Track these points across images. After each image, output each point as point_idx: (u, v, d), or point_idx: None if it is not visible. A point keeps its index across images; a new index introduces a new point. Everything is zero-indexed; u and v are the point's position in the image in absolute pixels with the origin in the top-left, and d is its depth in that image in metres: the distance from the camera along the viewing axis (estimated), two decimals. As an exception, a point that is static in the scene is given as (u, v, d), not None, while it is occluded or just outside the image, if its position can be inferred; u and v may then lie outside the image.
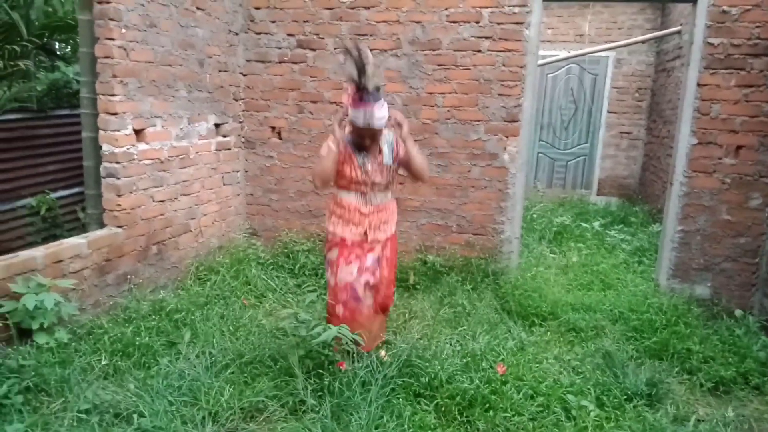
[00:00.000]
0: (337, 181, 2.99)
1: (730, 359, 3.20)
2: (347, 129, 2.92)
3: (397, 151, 3.00)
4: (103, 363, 2.82)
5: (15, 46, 4.72)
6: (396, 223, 3.14)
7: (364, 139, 2.86)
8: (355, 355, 2.84)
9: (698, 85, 3.91)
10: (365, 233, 2.98)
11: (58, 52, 6.12)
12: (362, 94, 2.71)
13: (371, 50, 4.40)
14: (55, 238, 3.90)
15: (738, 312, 3.79)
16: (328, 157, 2.85)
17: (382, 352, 2.98)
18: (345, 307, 3.00)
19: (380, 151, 2.95)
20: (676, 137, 4.10)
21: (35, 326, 2.78)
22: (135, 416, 2.41)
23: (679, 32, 6.27)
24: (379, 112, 2.74)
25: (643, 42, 6.93)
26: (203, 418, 2.48)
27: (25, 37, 4.76)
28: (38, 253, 2.98)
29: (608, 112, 8.05)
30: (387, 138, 2.98)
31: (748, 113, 3.85)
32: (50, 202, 4.47)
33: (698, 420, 2.73)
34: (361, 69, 2.67)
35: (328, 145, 2.86)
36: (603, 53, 7.59)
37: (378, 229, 3.01)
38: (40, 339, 2.80)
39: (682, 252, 4.09)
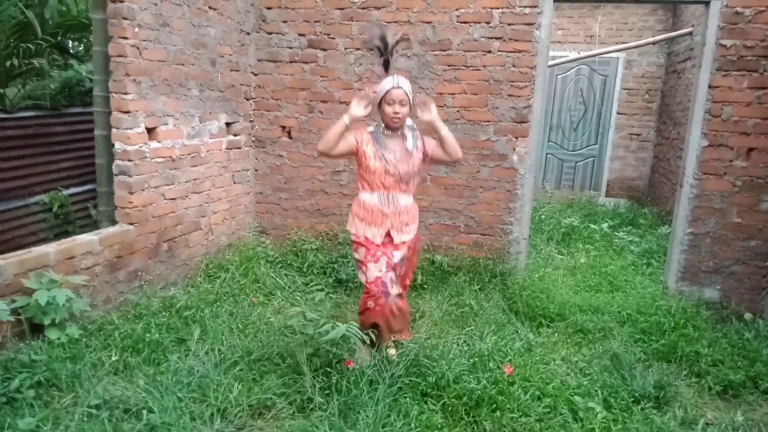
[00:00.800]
0: (361, 181, 3.07)
1: (740, 363, 3.17)
2: (366, 109, 2.99)
3: (424, 146, 3.07)
4: (113, 359, 2.84)
5: (29, 45, 4.78)
6: (417, 225, 3.19)
7: (394, 108, 2.91)
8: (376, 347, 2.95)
9: (710, 86, 3.89)
10: (388, 234, 3.04)
11: (71, 51, 6.18)
12: (387, 63, 2.96)
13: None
14: (67, 234, 3.95)
15: (747, 315, 3.77)
16: (337, 126, 2.94)
17: (392, 351, 2.99)
18: (376, 301, 3.06)
19: (404, 138, 3.02)
20: (686, 139, 4.08)
21: (47, 321, 2.81)
22: (144, 412, 2.42)
23: (690, 33, 6.23)
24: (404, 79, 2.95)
25: (653, 43, 6.89)
26: (212, 414, 2.49)
27: (39, 36, 4.82)
28: (51, 249, 3.01)
29: (618, 113, 8.01)
30: (410, 127, 3.07)
31: (760, 115, 3.83)
32: (63, 199, 4.52)
33: (707, 424, 2.71)
34: (384, 38, 2.94)
35: (341, 117, 2.97)
36: (613, 54, 7.56)
37: (401, 231, 3.07)
38: (52, 334, 2.83)
39: (691, 254, 4.07)
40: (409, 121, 3.07)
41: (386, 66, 3.00)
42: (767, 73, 3.78)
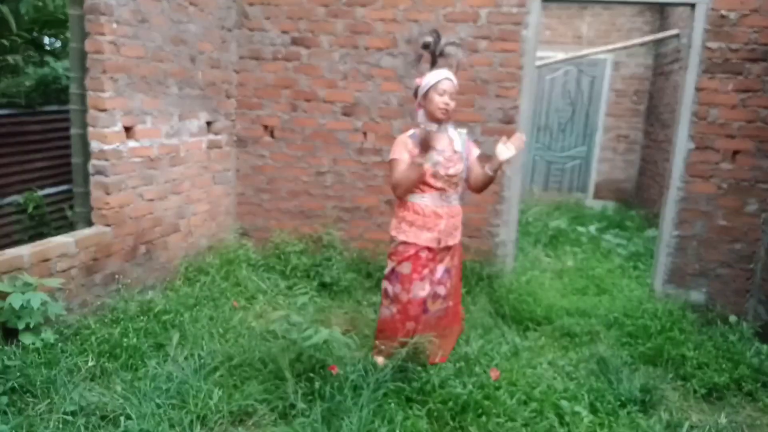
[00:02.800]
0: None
1: (724, 365, 3.19)
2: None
3: (469, 150, 3.01)
4: (89, 364, 2.78)
5: (3, 41, 4.67)
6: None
7: (445, 98, 2.82)
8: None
9: (696, 89, 3.90)
10: (438, 240, 2.91)
11: (47, 47, 6.07)
12: (436, 58, 2.87)
13: (366, 49, 4.40)
14: (42, 236, 3.84)
15: (732, 318, 3.79)
16: (413, 172, 2.78)
17: (380, 358, 2.95)
18: (416, 321, 2.94)
19: (451, 139, 2.95)
20: (673, 141, 4.09)
21: (21, 326, 2.74)
22: (122, 419, 2.39)
23: (677, 35, 6.26)
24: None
25: (641, 45, 6.93)
26: (191, 421, 2.45)
27: (14, 32, 4.73)
28: (25, 251, 2.94)
29: (606, 115, 8.05)
30: (456, 130, 3.00)
31: (745, 118, 3.86)
32: (37, 199, 4.41)
33: (691, 426, 2.72)
34: (437, 34, 2.88)
35: (401, 155, 2.84)
36: (601, 55, 7.59)
37: (450, 235, 2.95)
38: (26, 339, 2.76)
39: (677, 257, 4.09)
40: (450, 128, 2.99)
41: (433, 63, 2.90)
42: (752, 75, 3.81)
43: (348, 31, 4.38)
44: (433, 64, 2.90)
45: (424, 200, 2.89)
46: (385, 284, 3.02)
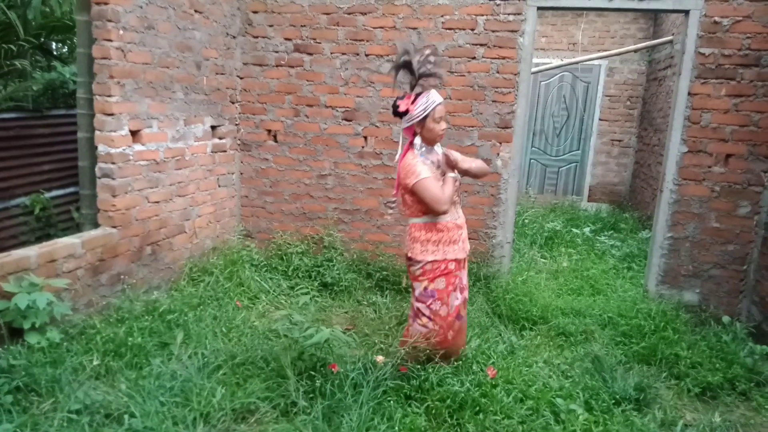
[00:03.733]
0: (417, 206, 2.90)
1: (718, 365, 3.24)
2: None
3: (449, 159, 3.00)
4: (94, 363, 2.80)
5: (12, 46, 4.72)
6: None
7: (441, 125, 2.86)
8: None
9: (689, 94, 3.96)
10: (464, 249, 3.00)
11: (54, 52, 6.12)
12: (417, 79, 2.85)
13: (367, 56, 4.46)
14: (48, 237, 3.90)
15: (726, 318, 3.83)
16: (451, 184, 2.89)
17: (380, 358, 2.99)
18: (456, 332, 3.01)
19: (438, 154, 3.00)
20: (666, 145, 4.15)
21: (27, 326, 2.76)
22: (126, 417, 2.40)
23: (671, 42, 6.35)
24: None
25: (635, 51, 7.00)
26: (195, 419, 2.47)
27: (22, 37, 4.77)
28: (32, 252, 2.97)
29: (600, 119, 8.12)
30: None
31: (737, 122, 3.91)
32: (44, 201, 4.46)
33: (685, 425, 2.76)
34: (408, 53, 2.87)
35: (428, 173, 2.85)
36: (596, 62, 7.68)
37: (468, 241, 3.06)
38: (32, 339, 2.79)
39: (671, 258, 4.14)
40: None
41: (414, 82, 2.87)
42: (744, 81, 3.86)
43: (349, 39, 4.46)
44: (414, 84, 2.86)
45: (445, 217, 2.91)
46: (418, 305, 2.97)
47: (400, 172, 2.89)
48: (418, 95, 2.83)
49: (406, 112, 2.83)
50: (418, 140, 2.92)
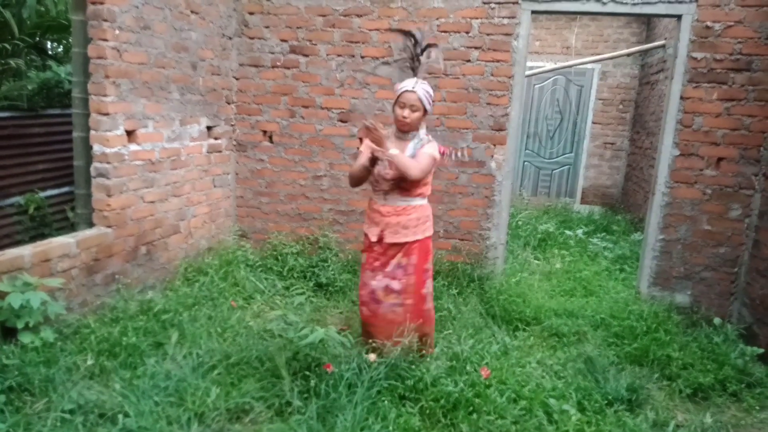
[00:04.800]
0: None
1: (709, 366, 3.26)
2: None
3: (417, 153, 3.00)
4: (89, 363, 2.79)
5: (6, 45, 4.70)
6: (425, 230, 3.08)
7: (404, 111, 2.91)
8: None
9: (681, 97, 4.00)
10: (380, 236, 3.03)
11: (50, 52, 6.10)
12: (415, 68, 2.97)
13: (362, 57, 4.48)
14: (43, 237, 3.87)
15: (717, 320, 3.87)
16: (360, 164, 3.03)
17: (372, 356, 3.01)
18: (368, 308, 3.12)
19: (407, 149, 3.02)
20: (658, 148, 4.18)
21: (20, 325, 2.75)
22: (120, 416, 2.39)
23: (663, 46, 6.41)
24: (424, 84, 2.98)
25: (628, 55, 7.07)
26: (189, 418, 2.47)
27: (16, 36, 4.75)
28: (26, 251, 2.95)
29: (593, 122, 8.18)
30: (419, 135, 3.04)
31: (729, 126, 3.95)
32: (39, 201, 4.44)
33: (677, 426, 2.78)
34: (415, 38, 2.98)
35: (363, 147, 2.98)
36: (589, 65, 7.73)
37: (396, 233, 3.02)
38: (25, 338, 2.77)
39: (662, 260, 4.17)
40: (423, 132, 3.03)
41: (414, 70, 2.95)
42: (736, 85, 3.90)
43: (345, 41, 4.48)
44: (414, 74, 2.96)
45: (374, 198, 3.09)
46: None
47: None
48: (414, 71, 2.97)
49: None
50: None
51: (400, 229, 3.01)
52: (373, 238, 3.05)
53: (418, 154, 2.97)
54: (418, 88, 2.90)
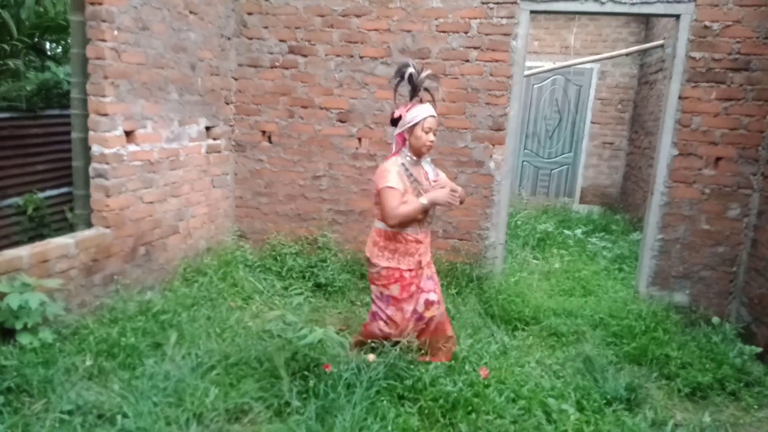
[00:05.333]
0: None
1: (707, 365, 3.27)
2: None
3: (438, 177, 3.08)
4: (87, 363, 2.79)
5: (5, 45, 4.70)
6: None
7: (430, 136, 2.91)
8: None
9: (680, 97, 4.00)
10: (419, 262, 3.04)
11: (48, 52, 6.09)
12: (415, 91, 2.96)
13: (361, 58, 4.49)
14: (41, 237, 3.87)
15: (715, 319, 3.88)
16: (417, 209, 2.89)
17: (371, 356, 3.01)
18: (421, 331, 3.11)
19: (425, 172, 3.05)
20: (657, 148, 4.19)
21: (19, 326, 2.75)
22: (119, 417, 2.39)
23: (662, 46, 6.41)
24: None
25: (626, 55, 7.06)
26: (188, 419, 2.47)
27: (14, 37, 4.75)
28: (24, 252, 2.95)
29: (592, 122, 8.18)
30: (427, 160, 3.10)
31: (727, 126, 3.96)
32: (38, 201, 4.44)
33: (676, 425, 2.78)
34: (416, 67, 2.97)
35: (397, 184, 2.88)
36: (587, 65, 7.72)
37: (426, 253, 3.11)
38: (24, 339, 2.78)
39: (661, 260, 4.17)
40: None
41: (413, 90, 2.97)
42: (734, 85, 3.91)
43: (343, 41, 4.48)
44: (413, 95, 2.98)
45: (407, 230, 2.96)
46: (375, 308, 3.09)
47: (377, 173, 2.98)
48: (415, 105, 2.94)
49: (400, 118, 2.93)
50: (406, 148, 2.97)
51: (428, 249, 3.10)
52: (412, 266, 2.99)
53: (440, 174, 3.10)
54: (434, 112, 2.96)
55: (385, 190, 2.84)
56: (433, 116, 2.91)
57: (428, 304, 3.03)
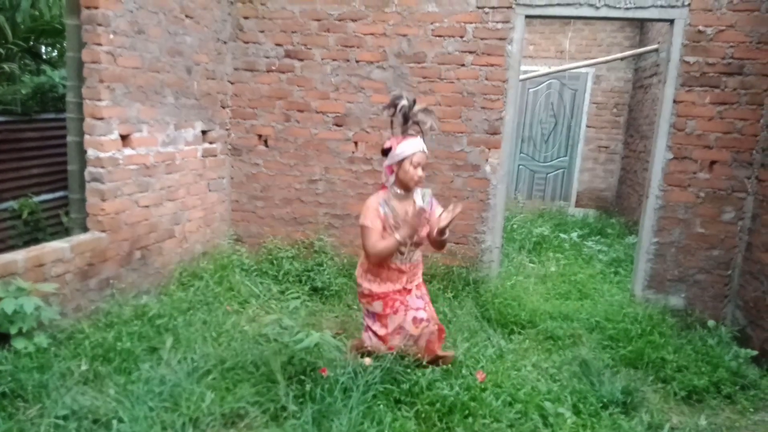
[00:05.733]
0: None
1: (703, 368, 3.27)
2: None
3: (433, 210, 3.07)
4: (83, 368, 2.78)
5: (0, 49, 4.68)
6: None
7: (419, 171, 2.92)
8: None
9: (674, 101, 4.02)
10: (402, 288, 3.06)
11: (44, 56, 6.08)
12: (407, 123, 2.94)
13: (357, 62, 4.49)
14: (37, 241, 3.86)
15: (711, 322, 3.88)
16: (392, 246, 2.88)
17: (367, 360, 3.00)
18: (414, 342, 3.10)
19: (413, 203, 3.03)
20: (652, 152, 4.20)
21: (14, 330, 2.74)
22: (114, 422, 2.38)
23: (656, 50, 6.45)
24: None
25: (621, 59, 7.10)
26: (184, 424, 2.46)
27: (10, 40, 4.75)
28: (19, 256, 2.94)
29: (587, 126, 8.22)
30: (420, 191, 3.06)
31: (722, 130, 3.97)
32: (33, 205, 4.42)
33: (672, 428, 2.79)
34: (411, 100, 2.94)
35: (374, 223, 2.90)
36: (583, 69, 7.76)
37: (413, 279, 3.12)
38: (19, 344, 2.77)
39: (657, 263, 4.19)
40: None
41: (405, 123, 2.96)
42: (728, 89, 3.93)
43: (339, 45, 4.49)
44: (405, 128, 2.96)
45: (392, 260, 2.98)
46: (365, 321, 3.15)
47: (363, 206, 3.00)
48: (405, 139, 2.93)
49: (390, 149, 2.94)
50: (393, 181, 2.98)
51: (414, 276, 3.09)
52: (396, 288, 3.02)
53: (434, 208, 3.09)
54: (425, 147, 2.96)
55: (363, 228, 2.91)
56: (423, 151, 2.92)
57: (416, 321, 3.01)
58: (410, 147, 2.88)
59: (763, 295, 3.63)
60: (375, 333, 3.04)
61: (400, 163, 2.90)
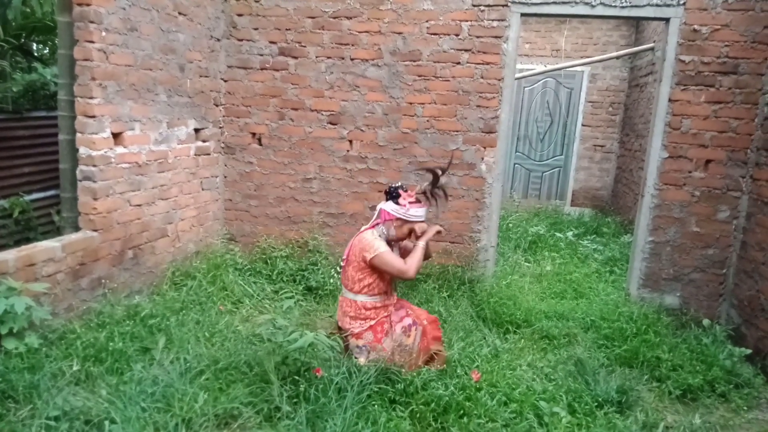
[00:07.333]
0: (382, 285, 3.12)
1: (698, 367, 3.28)
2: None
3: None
4: (74, 368, 2.76)
5: (-9, 46, 4.65)
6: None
7: (413, 236, 3.14)
8: None
9: (670, 100, 4.03)
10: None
11: (35, 53, 6.04)
12: (434, 188, 3.19)
13: (352, 60, 4.47)
14: (28, 241, 3.83)
15: (706, 321, 3.90)
16: (421, 254, 3.12)
17: (361, 359, 3.00)
18: (408, 353, 3.17)
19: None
20: (647, 151, 4.21)
21: (4, 331, 2.72)
22: (106, 423, 2.37)
23: (652, 49, 6.46)
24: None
25: (617, 58, 7.11)
26: (176, 424, 2.45)
27: (1, 37, 4.70)
28: (9, 255, 2.92)
29: (583, 125, 8.23)
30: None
31: (717, 128, 3.98)
32: (24, 204, 4.39)
33: (667, 427, 2.80)
34: (442, 171, 3.21)
35: (385, 246, 3.07)
36: (578, 68, 7.77)
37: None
38: (9, 344, 2.74)
39: (652, 262, 4.19)
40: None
41: (433, 185, 3.18)
42: (723, 88, 3.94)
43: (334, 43, 4.46)
44: (428, 191, 3.19)
45: (377, 299, 3.12)
46: (359, 360, 3.17)
47: (356, 247, 3.08)
48: (418, 200, 3.13)
49: (398, 193, 3.10)
50: (384, 227, 3.13)
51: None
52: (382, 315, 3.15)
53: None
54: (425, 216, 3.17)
55: (382, 255, 2.99)
56: (424, 222, 3.13)
57: (406, 330, 3.09)
58: (419, 215, 3.10)
59: (758, 294, 3.64)
60: (374, 359, 3.04)
61: (403, 221, 3.09)
